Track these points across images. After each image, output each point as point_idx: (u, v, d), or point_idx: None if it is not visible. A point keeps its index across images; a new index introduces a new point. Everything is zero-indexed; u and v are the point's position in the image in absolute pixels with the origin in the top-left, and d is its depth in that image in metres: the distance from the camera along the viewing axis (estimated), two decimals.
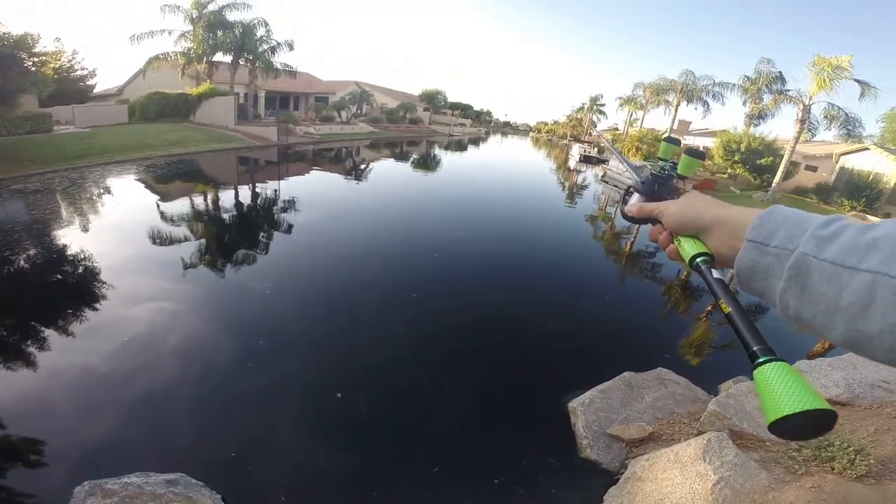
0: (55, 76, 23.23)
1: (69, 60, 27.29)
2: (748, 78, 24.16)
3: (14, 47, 12.67)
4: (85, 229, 7.77)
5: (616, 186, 21.29)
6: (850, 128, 19.90)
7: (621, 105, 42.43)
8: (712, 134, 29.68)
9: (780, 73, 22.90)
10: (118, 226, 8.09)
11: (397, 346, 4.94)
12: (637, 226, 13.57)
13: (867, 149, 22.60)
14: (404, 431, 3.74)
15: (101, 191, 11.15)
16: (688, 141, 34.86)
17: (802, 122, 19.74)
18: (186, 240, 7.57)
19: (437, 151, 31.43)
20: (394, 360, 4.68)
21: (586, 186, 22.46)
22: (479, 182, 19.12)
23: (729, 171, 24.93)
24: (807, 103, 19.50)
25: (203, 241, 7.78)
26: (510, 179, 21.63)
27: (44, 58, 20.64)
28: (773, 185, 20.34)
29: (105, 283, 5.65)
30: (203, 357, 4.40)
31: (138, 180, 12.77)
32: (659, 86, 30.41)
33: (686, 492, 2.79)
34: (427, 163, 24.42)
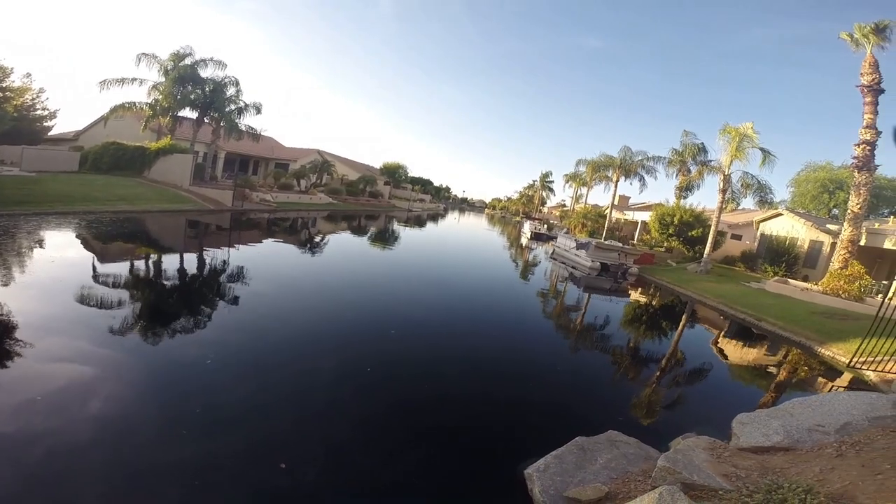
0: (15, 114, 22.18)
1: (33, 99, 26.34)
2: (676, 151, 26.74)
3: None
4: (7, 283, 7.06)
5: (563, 263, 22.30)
6: (762, 194, 22.14)
7: (567, 182, 45.79)
8: (649, 208, 32.17)
9: (703, 144, 25.51)
10: (47, 282, 7.41)
11: (348, 419, 4.67)
12: (587, 299, 14.46)
13: (780, 214, 25.03)
14: None
15: (35, 243, 10.36)
16: (627, 216, 37.65)
17: (724, 191, 21.65)
18: (121, 304, 7.02)
19: (397, 227, 31.95)
20: (344, 433, 4.40)
21: (537, 263, 23.32)
22: (436, 259, 19.49)
23: (665, 244, 26.82)
24: (726, 173, 21.47)
25: (140, 306, 7.25)
26: (466, 257, 22.20)
27: (9, 93, 19.70)
28: (705, 255, 21.91)
29: (23, 341, 5.05)
30: (129, 424, 3.91)
31: (77, 235, 11.99)
32: (599, 162, 33.12)
33: None
34: (386, 238, 24.62)
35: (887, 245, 19.40)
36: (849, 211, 18.46)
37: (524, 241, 35.65)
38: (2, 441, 3.45)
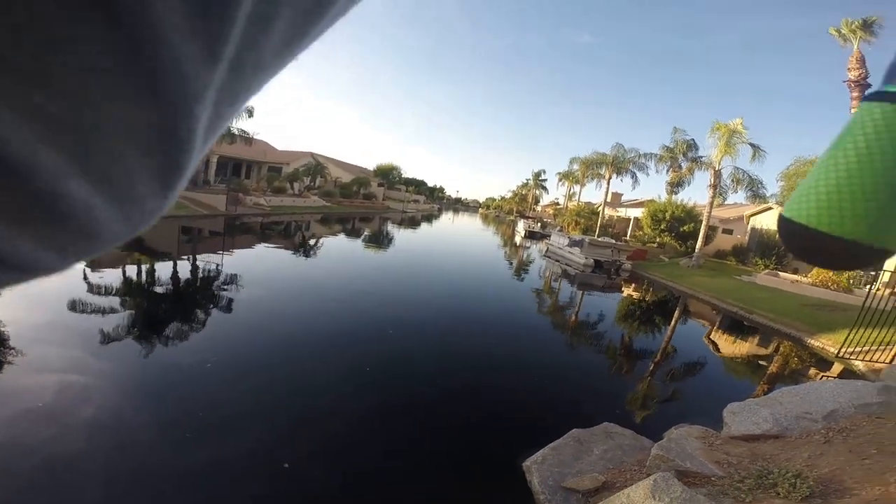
0: None
1: None
2: (667, 147, 27.01)
3: None
4: None
5: (557, 261, 22.46)
6: (753, 189, 22.48)
7: (560, 180, 45.97)
8: (641, 204, 32.44)
9: (693, 140, 25.79)
10: (38, 292, 7.41)
11: (348, 416, 4.75)
12: (581, 296, 14.69)
13: (771, 208, 25.39)
14: (360, 499, 3.49)
15: None
16: (620, 213, 37.90)
17: (714, 186, 21.98)
18: (113, 311, 7.06)
19: (391, 228, 31.95)
20: (344, 430, 4.47)
21: (532, 261, 23.46)
22: (431, 259, 19.52)
23: (657, 239, 27.07)
24: (717, 168, 21.84)
25: (137, 313, 7.28)
26: (461, 256, 22.22)
27: None
28: (696, 250, 22.16)
29: (15, 350, 5.07)
30: (129, 428, 3.96)
31: None
32: (592, 160, 33.29)
33: None
34: (380, 240, 24.54)
35: None
36: None
37: (518, 239, 35.79)
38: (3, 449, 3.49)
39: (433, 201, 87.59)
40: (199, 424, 4.13)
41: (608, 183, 31.61)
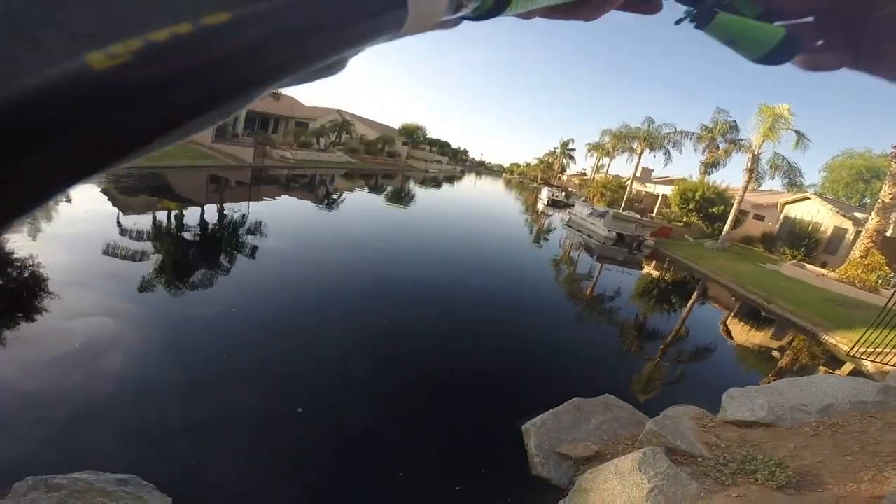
0: None
1: None
2: (706, 127, 25.95)
3: None
4: (36, 237, 7.46)
5: (579, 231, 22.25)
6: (791, 177, 21.59)
7: (590, 151, 44.71)
8: (671, 182, 31.48)
9: (735, 122, 24.70)
10: (76, 237, 7.89)
11: (361, 368, 5.08)
12: (599, 269, 14.64)
13: (808, 198, 24.30)
14: (367, 446, 3.84)
15: (63, 199, 10.89)
16: (649, 188, 36.92)
17: (751, 171, 21.18)
18: (146, 256, 7.48)
19: (413, 187, 32.34)
20: (357, 379, 4.81)
21: (552, 230, 23.36)
22: (453, 221, 19.65)
23: (684, 219, 26.44)
24: (756, 152, 21.01)
25: (167, 257, 7.70)
26: (480, 219, 22.30)
27: None
28: (723, 233, 21.63)
29: (55, 294, 5.41)
30: (165, 368, 4.37)
31: (102, 191, 12.50)
32: (623, 133, 32.19)
33: (625, 500, 3.01)
34: (402, 198, 24.92)
35: None
36: (879, 200, 17.81)
37: (541, 206, 35.46)
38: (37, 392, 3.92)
39: (456, 163, 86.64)
40: (222, 365, 4.53)
41: (639, 157, 30.72)
